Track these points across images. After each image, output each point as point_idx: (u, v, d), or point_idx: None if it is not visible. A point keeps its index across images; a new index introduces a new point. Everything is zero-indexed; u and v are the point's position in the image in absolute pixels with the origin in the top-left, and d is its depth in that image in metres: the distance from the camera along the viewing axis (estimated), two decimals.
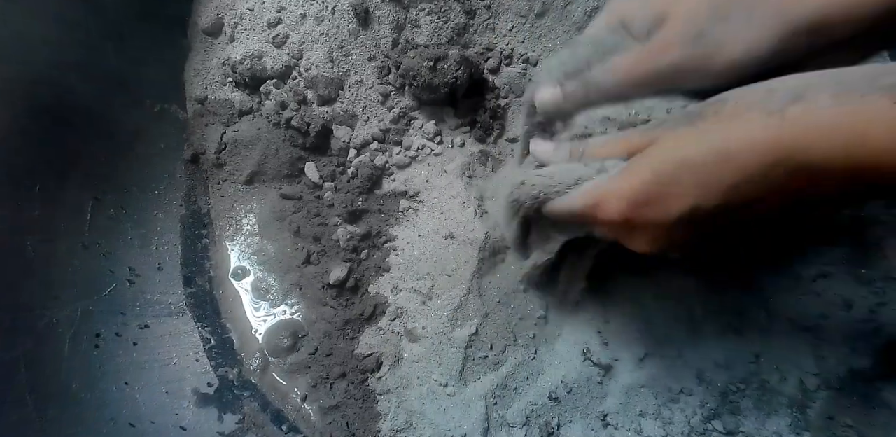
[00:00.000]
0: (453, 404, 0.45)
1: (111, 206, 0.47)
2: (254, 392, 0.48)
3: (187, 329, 0.49)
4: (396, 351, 0.47)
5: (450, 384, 0.45)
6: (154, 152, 0.50)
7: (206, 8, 0.50)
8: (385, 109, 0.49)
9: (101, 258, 0.46)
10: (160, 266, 0.49)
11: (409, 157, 0.49)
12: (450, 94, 0.46)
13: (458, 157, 0.49)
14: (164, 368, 0.46)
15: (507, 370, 0.46)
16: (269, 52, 0.49)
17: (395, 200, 0.50)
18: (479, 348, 0.46)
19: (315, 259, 0.50)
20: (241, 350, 0.49)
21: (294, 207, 0.50)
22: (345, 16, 0.47)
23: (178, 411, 0.45)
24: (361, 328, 0.48)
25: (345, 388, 0.47)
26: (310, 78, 0.48)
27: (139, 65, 0.48)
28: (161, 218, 0.50)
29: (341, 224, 0.49)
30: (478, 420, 0.44)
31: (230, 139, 0.50)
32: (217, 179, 0.52)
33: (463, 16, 0.48)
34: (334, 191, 0.49)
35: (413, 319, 0.47)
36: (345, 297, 0.48)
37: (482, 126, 0.49)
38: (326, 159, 0.50)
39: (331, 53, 0.47)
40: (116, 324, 0.45)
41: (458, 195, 0.48)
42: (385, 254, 0.49)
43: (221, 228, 0.52)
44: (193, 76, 0.51)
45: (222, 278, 0.51)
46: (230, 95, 0.51)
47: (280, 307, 0.50)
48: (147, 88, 0.49)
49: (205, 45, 0.51)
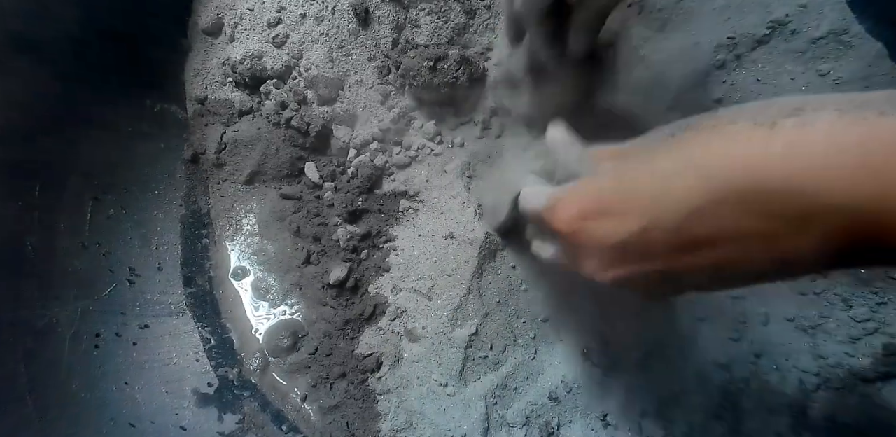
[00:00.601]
0: (453, 404, 0.45)
1: (111, 206, 0.47)
2: (254, 392, 0.48)
3: (187, 329, 0.49)
4: (396, 351, 0.47)
5: (450, 383, 0.45)
6: (154, 152, 0.50)
7: (206, 8, 0.50)
8: (385, 109, 0.49)
9: (101, 258, 0.46)
10: (160, 266, 0.49)
11: (409, 157, 0.49)
12: (450, 94, 0.46)
13: (458, 157, 0.49)
14: (164, 368, 0.46)
15: (507, 369, 0.46)
16: (269, 52, 0.49)
17: (395, 200, 0.50)
18: (479, 348, 0.46)
19: (315, 259, 0.50)
20: (241, 350, 0.49)
21: (294, 207, 0.50)
22: (345, 16, 0.47)
23: (178, 411, 0.45)
24: (361, 328, 0.48)
25: (345, 388, 0.46)
26: (310, 78, 0.48)
27: (139, 65, 0.48)
28: (161, 218, 0.50)
29: (341, 224, 0.49)
30: (478, 420, 0.44)
31: (230, 139, 0.50)
32: (217, 179, 0.52)
33: (463, 16, 0.48)
34: (334, 191, 0.49)
35: (413, 319, 0.47)
36: (345, 297, 0.48)
37: (482, 126, 0.49)
38: (326, 159, 0.50)
39: (331, 53, 0.47)
40: (116, 324, 0.45)
41: (458, 195, 0.48)
42: (385, 254, 0.49)
43: (221, 228, 0.52)
44: (193, 76, 0.51)
45: (222, 278, 0.51)
46: (230, 95, 0.51)
47: (280, 307, 0.50)
48: (147, 88, 0.49)
49: (205, 45, 0.51)
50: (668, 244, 0.22)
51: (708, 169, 0.21)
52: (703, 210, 0.21)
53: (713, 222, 0.21)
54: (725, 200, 0.20)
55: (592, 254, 0.26)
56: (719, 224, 0.21)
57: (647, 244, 0.23)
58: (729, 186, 0.20)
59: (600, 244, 0.25)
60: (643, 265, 0.24)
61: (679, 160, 0.22)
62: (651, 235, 0.23)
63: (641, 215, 0.23)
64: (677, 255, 0.23)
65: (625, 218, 0.23)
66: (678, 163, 0.22)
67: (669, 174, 0.22)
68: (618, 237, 0.24)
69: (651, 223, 0.22)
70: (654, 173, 0.23)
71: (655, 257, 0.23)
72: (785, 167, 0.19)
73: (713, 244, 0.21)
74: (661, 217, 0.22)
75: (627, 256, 0.24)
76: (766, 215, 0.19)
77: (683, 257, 0.23)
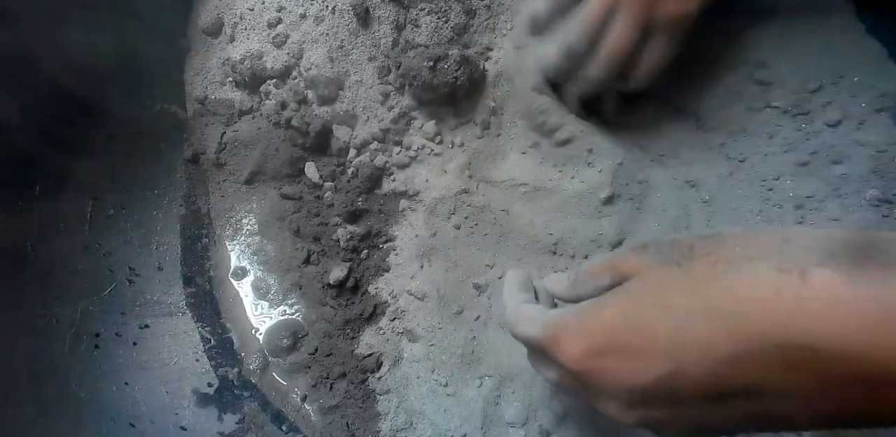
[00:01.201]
0: (453, 404, 0.45)
1: (111, 206, 0.47)
2: (254, 392, 0.48)
3: (187, 329, 0.49)
4: (396, 351, 0.47)
5: (450, 383, 0.45)
6: (154, 152, 0.50)
7: (206, 8, 0.50)
8: (385, 109, 0.49)
9: (101, 258, 0.46)
10: (160, 266, 0.49)
11: (409, 157, 0.49)
12: (450, 94, 0.46)
13: (458, 157, 0.49)
14: (164, 368, 0.46)
15: (507, 369, 0.46)
16: (269, 52, 0.49)
17: (395, 200, 0.50)
18: (480, 348, 0.46)
19: (315, 259, 0.50)
20: (241, 350, 0.49)
21: (294, 207, 0.50)
22: (345, 16, 0.47)
23: (178, 411, 0.45)
24: (361, 328, 0.48)
25: (345, 388, 0.47)
26: (310, 78, 0.48)
27: (139, 65, 0.48)
28: (161, 218, 0.50)
29: (341, 224, 0.49)
30: (478, 420, 0.44)
31: (230, 139, 0.50)
32: (217, 179, 0.52)
33: (463, 16, 0.48)
34: (334, 191, 0.49)
35: (413, 319, 0.47)
36: (345, 297, 0.48)
37: (482, 126, 0.49)
38: (326, 159, 0.50)
39: (331, 53, 0.47)
40: (116, 324, 0.45)
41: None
42: (385, 254, 0.49)
43: (221, 228, 0.52)
44: (193, 76, 0.51)
45: (222, 278, 0.51)
46: (230, 94, 0.51)
47: (280, 307, 0.50)
48: (147, 88, 0.49)
49: (205, 45, 0.51)
50: (699, 392, 0.21)
51: (738, 318, 0.19)
52: (738, 359, 0.19)
53: (751, 374, 0.19)
54: (765, 353, 0.19)
55: (610, 396, 0.24)
56: (758, 377, 0.19)
57: (674, 390, 0.21)
58: (768, 339, 0.19)
59: (620, 387, 0.23)
60: (671, 411, 0.23)
61: (696, 300, 0.21)
62: (679, 380, 0.21)
63: (666, 359, 0.21)
64: (707, 403, 0.21)
65: (646, 360, 0.22)
66: (694, 302, 0.21)
67: (688, 314, 0.21)
68: (641, 381, 0.22)
69: (680, 368, 0.21)
70: (669, 311, 0.22)
71: (683, 404, 0.22)
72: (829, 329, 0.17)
73: (749, 395, 0.20)
74: (690, 362, 0.21)
75: (652, 400, 0.23)
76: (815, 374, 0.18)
77: (714, 405, 0.21)
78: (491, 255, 0.48)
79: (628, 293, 0.24)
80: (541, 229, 0.47)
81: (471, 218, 0.48)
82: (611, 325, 0.23)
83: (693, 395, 0.21)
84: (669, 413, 0.23)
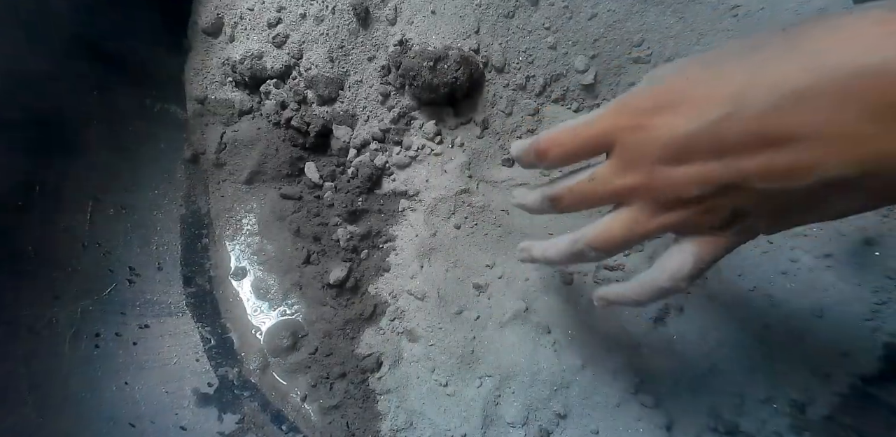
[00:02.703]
0: (453, 404, 0.45)
1: (111, 206, 0.47)
2: (254, 392, 0.48)
3: (187, 329, 0.49)
4: (396, 351, 0.47)
5: (450, 383, 0.45)
6: (154, 152, 0.50)
7: (206, 8, 0.50)
8: (385, 109, 0.49)
9: (101, 258, 0.46)
10: (160, 266, 0.49)
11: (409, 157, 0.49)
12: (450, 94, 0.46)
13: (458, 157, 0.49)
14: (164, 368, 0.46)
15: (507, 369, 0.46)
16: (269, 51, 0.49)
17: (395, 200, 0.50)
18: (480, 348, 0.46)
19: (315, 259, 0.50)
20: (241, 350, 0.49)
21: (294, 207, 0.50)
22: (345, 16, 0.47)
23: (178, 411, 0.45)
24: (361, 328, 0.48)
25: (345, 388, 0.47)
26: (310, 78, 0.48)
27: (139, 65, 0.48)
28: (161, 218, 0.50)
29: (341, 224, 0.49)
30: (478, 420, 0.44)
31: (230, 139, 0.50)
32: (217, 179, 0.52)
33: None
34: (334, 191, 0.49)
35: (413, 319, 0.47)
36: (345, 297, 0.48)
37: (482, 126, 0.49)
38: (326, 159, 0.50)
39: (331, 53, 0.47)
40: (116, 324, 0.45)
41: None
42: (385, 254, 0.49)
43: (221, 228, 0.52)
44: (193, 76, 0.51)
45: (222, 278, 0.51)
46: (230, 94, 0.51)
47: (280, 307, 0.50)
48: (147, 87, 0.49)
49: (205, 45, 0.51)
50: (745, 135, 0.20)
51: (820, 54, 0.18)
52: (799, 96, 0.19)
53: (805, 113, 0.19)
54: (826, 91, 0.18)
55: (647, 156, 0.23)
56: (810, 117, 0.19)
57: (719, 137, 0.21)
58: (837, 74, 0.18)
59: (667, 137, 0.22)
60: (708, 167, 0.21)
61: (783, 47, 0.20)
62: (731, 123, 0.20)
63: (730, 99, 0.20)
64: (751, 152, 0.20)
65: (704, 106, 0.21)
66: (780, 50, 0.20)
67: (768, 59, 0.20)
68: (689, 127, 0.21)
69: (737, 109, 0.20)
70: (750, 61, 0.20)
71: (724, 154, 0.21)
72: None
73: (785, 142, 0.19)
74: (751, 100, 0.20)
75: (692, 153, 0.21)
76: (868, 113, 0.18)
77: (757, 155, 0.20)
78: (491, 255, 0.48)
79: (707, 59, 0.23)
80: (541, 229, 0.47)
81: (471, 218, 0.48)
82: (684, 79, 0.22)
83: (736, 140, 0.20)
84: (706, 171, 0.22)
